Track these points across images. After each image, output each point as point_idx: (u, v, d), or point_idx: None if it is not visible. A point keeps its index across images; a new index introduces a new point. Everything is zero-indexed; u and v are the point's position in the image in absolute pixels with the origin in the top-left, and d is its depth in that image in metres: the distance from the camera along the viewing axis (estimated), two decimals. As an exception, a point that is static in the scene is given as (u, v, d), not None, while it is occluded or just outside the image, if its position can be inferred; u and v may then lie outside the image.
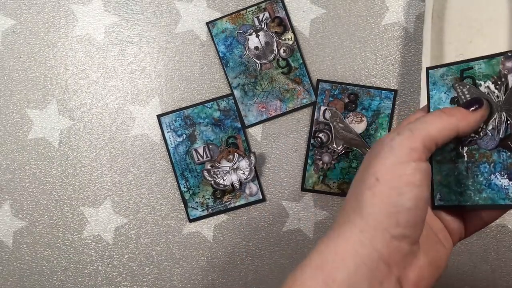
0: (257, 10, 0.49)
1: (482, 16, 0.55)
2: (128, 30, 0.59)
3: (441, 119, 0.36)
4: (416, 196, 0.35)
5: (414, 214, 0.35)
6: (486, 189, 0.40)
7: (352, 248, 0.35)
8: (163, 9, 0.58)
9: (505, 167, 0.39)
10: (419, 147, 0.35)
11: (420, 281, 0.37)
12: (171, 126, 0.58)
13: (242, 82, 0.57)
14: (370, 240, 0.35)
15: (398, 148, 0.35)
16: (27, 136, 0.59)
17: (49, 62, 0.59)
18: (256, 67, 0.56)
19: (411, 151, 0.34)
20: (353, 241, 0.35)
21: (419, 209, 0.35)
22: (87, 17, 0.59)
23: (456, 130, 0.37)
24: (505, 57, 0.38)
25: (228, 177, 0.56)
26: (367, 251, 0.35)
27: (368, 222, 0.35)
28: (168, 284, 0.59)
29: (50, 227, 0.59)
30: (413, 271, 0.37)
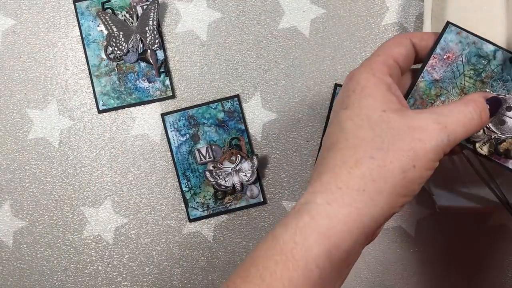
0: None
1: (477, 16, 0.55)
2: (128, 30, 0.59)
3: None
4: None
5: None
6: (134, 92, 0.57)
7: (361, 220, 0.34)
8: (163, 9, 0.58)
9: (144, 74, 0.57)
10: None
11: (376, 236, 0.39)
12: (175, 125, 0.58)
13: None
14: (379, 211, 0.34)
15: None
16: (27, 136, 0.59)
17: (49, 62, 0.59)
18: None
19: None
20: (363, 213, 0.34)
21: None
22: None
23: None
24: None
25: (230, 178, 0.56)
26: (373, 223, 0.35)
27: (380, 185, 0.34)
28: (168, 284, 0.59)
29: (50, 227, 0.59)
30: (378, 229, 0.38)
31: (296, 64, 0.58)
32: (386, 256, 0.59)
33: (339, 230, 0.34)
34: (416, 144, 0.34)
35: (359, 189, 0.34)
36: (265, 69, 0.58)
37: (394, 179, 0.34)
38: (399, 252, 0.59)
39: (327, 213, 0.34)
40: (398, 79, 0.39)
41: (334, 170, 0.35)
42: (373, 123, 0.35)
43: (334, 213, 0.34)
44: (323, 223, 0.34)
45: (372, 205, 0.34)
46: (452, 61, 0.41)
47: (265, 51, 0.58)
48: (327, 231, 0.33)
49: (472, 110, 0.37)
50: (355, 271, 0.59)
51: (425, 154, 0.34)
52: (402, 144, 0.35)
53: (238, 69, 0.58)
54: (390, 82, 0.37)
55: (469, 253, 0.59)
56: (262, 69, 0.58)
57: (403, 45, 0.39)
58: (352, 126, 0.36)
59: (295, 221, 0.34)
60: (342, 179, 0.35)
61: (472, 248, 0.59)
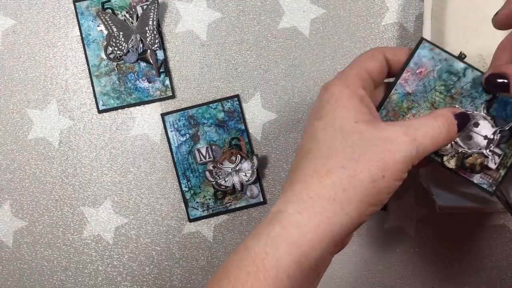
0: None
1: (477, 16, 0.55)
2: (128, 30, 0.59)
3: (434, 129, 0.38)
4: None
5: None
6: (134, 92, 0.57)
7: (331, 229, 0.35)
8: (163, 9, 0.58)
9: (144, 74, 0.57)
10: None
11: (346, 244, 0.40)
12: (175, 125, 0.58)
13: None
14: (349, 220, 0.35)
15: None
16: (27, 136, 0.59)
17: (49, 62, 0.59)
18: None
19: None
20: (333, 222, 0.35)
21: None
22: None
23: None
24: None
25: (230, 178, 0.56)
26: (343, 231, 0.36)
27: (349, 195, 0.35)
28: (168, 284, 0.59)
29: (50, 227, 0.59)
30: (348, 237, 0.40)
31: (296, 64, 0.58)
32: (386, 256, 0.59)
33: (309, 239, 0.35)
34: (386, 155, 0.36)
35: (330, 198, 0.35)
36: (265, 69, 0.58)
37: (363, 189, 0.35)
38: (399, 252, 0.59)
39: (298, 223, 0.35)
40: (371, 91, 0.40)
41: (306, 179, 0.36)
42: (345, 133, 0.36)
43: (305, 222, 0.35)
44: (294, 233, 0.35)
45: (342, 214, 0.35)
46: (424, 76, 0.42)
47: (265, 51, 0.58)
48: (298, 240, 0.34)
49: (440, 124, 0.38)
50: (355, 271, 0.59)
51: (394, 165, 0.36)
52: (373, 154, 0.36)
53: (238, 69, 0.58)
54: (363, 95, 0.38)
55: (469, 253, 0.59)
56: (262, 69, 0.58)
57: (377, 59, 0.40)
58: (325, 136, 0.37)
59: (267, 231, 0.35)
60: (313, 188, 0.36)
61: (472, 248, 0.59)
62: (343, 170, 0.36)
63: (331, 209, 0.35)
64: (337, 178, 0.36)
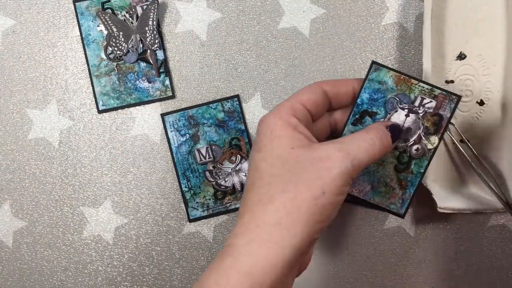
0: (428, 92, 0.44)
1: (477, 16, 0.55)
2: (128, 30, 0.59)
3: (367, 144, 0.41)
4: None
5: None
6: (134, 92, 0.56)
7: (281, 252, 0.36)
8: (163, 9, 0.58)
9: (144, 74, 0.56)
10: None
11: (309, 260, 0.43)
12: (175, 125, 0.58)
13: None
14: (298, 241, 0.37)
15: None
16: (27, 136, 0.59)
17: (49, 62, 0.59)
18: None
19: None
20: (283, 245, 0.36)
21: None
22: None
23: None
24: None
25: (230, 178, 0.56)
26: (294, 253, 0.37)
27: (294, 221, 0.37)
28: (168, 284, 0.59)
29: (50, 227, 0.59)
30: (308, 254, 0.42)
31: (296, 64, 0.58)
32: (386, 256, 0.59)
33: (261, 267, 0.36)
34: (323, 173, 0.37)
35: (276, 223, 0.37)
36: (265, 69, 0.58)
37: (307, 208, 0.37)
38: (399, 252, 0.59)
39: (248, 252, 0.36)
40: (307, 121, 0.42)
41: (252, 209, 0.38)
42: (283, 160, 0.38)
43: (254, 251, 0.36)
44: (245, 262, 0.36)
45: (290, 237, 0.36)
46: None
47: (265, 51, 0.58)
48: (250, 269, 0.36)
49: (373, 136, 0.40)
50: (355, 271, 0.59)
51: (332, 181, 0.37)
52: (310, 174, 0.38)
53: (238, 69, 0.58)
54: (295, 123, 0.40)
55: (469, 253, 0.59)
56: (262, 69, 0.58)
57: (313, 92, 0.43)
58: (265, 166, 0.39)
59: (218, 264, 0.37)
60: (260, 216, 0.37)
61: (472, 248, 0.59)
62: (284, 194, 0.37)
63: (278, 234, 0.36)
64: (279, 203, 0.37)
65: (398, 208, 0.46)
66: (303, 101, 0.42)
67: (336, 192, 0.38)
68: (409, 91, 0.45)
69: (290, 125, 0.40)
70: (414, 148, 0.45)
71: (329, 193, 0.37)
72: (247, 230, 0.37)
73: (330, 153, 0.38)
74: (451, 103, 0.45)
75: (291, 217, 0.37)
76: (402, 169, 0.45)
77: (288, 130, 0.40)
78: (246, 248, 0.36)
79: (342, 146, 0.39)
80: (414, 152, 0.45)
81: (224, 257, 0.37)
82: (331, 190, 0.37)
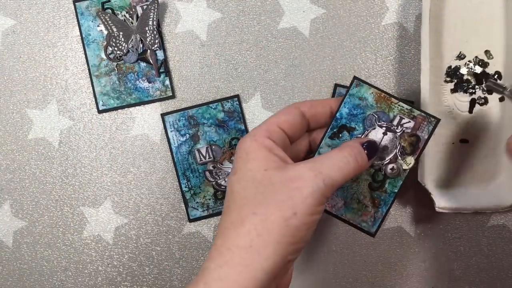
0: (407, 112, 0.44)
1: (477, 16, 0.55)
2: (128, 30, 0.59)
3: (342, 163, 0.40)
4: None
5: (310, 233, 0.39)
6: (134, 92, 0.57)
7: (253, 276, 0.36)
8: (163, 9, 0.58)
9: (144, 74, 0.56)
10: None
11: (289, 280, 0.42)
12: (175, 125, 0.58)
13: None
14: (270, 264, 0.36)
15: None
16: (27, 136, 0.59)
17: (49, 62, 0.59)
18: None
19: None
20: (254, 269, 0.36)
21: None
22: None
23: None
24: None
25: (230, 178, 0.56)
26: (266, 276, 0.36)
27: (266, 246, 0.36)
28: (168, 284, 0.59)
29: (50, 227, 0.59)
30: (287, 275, 0.41)
31: (296, 64, 0.58)
32: (386, 256, 0.59)
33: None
34: (294, 193, 0.37)
35: (246, 246, 0.36)
36: (265, 69, 0.58)
37: (278, 230, 0.36)
38: (399, 252, 0.59)
39: (220, 276, 0.36)
40: (284, 142, 0.42)
41: (225, 232, 0.38)
42: (256, 182, 0.38)
43: (225, 275, 0.36)
44: (216, 287, 0.36)
45: (261, 259, 0.36)
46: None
47: (265, 51, 0.58)
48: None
49: (347, 154, 0.40)
50: (355, 271, 0.59)
51: (303, 201, 0.37)
52: (281, 195, 0.37)
53: (238, 69, 0.58)
54: (270, 145, 0.40)
55: (469, 253, 0.59)
56: (262, 69, 0.58)
57: (291, 113, 0.43)
58: (239, 189, 0.39)
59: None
60: (231, 239, 0.37)
61: (472, 248, 0.59)
62: (255, 216, 0.37)
63: (249, 257, 0.36)
64: (250, 225, 0.37)
65: (369, 227, 0.45)
66: (279, 123, 0.42)
67: (309, 212, 0.37)
68: (389, 109, 0.45)
69: (265, 147, 0.40)
70: (389, 167, 0.45)
71: (301, 214, 0.37)
72: (219, 254, 0.37)
73: (301, 172, 0.38)
74: (429, 125, 0.44)
75: (262, 240, 0.36)
76: (376, 187, 0.45)
77: (263, 152, 0.39)
78: (218, 272, 0.36)
79: (314, 165, 0.38)
80: (389, 171, 0.45)
81: (198, 282, 0.37)
82: (303, 210, 0.37)
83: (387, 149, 0.45)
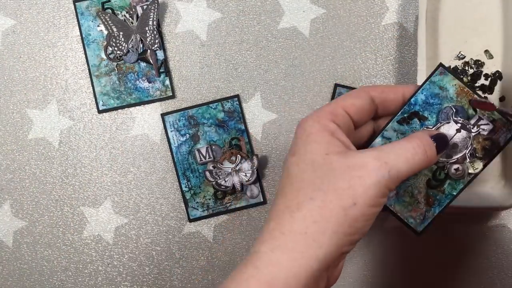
0: (488, 113, 0.40)
1: (475, 16, 0.55)
2: (128, 30, 0.59)
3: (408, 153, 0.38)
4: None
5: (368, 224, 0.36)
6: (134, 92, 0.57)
7: (306, 264, 0.34)
8: (163, 9, 0.58)
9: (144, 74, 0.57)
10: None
11: (339, 274, 0.39)
12: (175, 125, 0.58)
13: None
14: (324, 252, 0.35)
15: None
16: (27, 136, 0.59)
17: (49, 62, 0.59)
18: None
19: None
20: (308, 256, 0.34)
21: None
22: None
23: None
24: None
25: (230, 178, 0.56)
26: (319, 265, 0.35)
27: (323, 233, 0.35)
28: (168, 284, 0.59)
29: (50, 227, 0.59)
30: (338, 267, 0.39)
31: (296, 64, 0.58)
32: (386, 256, 0.59)
33: (283, 277, 0.34)
34: (355, 182, 0.35)
35: (302, 232, 0.35)
36: (265, 69, 0.58)
37: (336, 218, 0.35)
38: (399, 252, 0.59)
39: (271, 261, 0.34)
40: (349, 127, 0.40)
41: (278, 215, 0.36)
42: (316, 166, 0.36)
43: (277, 260, 0.34)
44: (267, 272, 0.34)
45: (316, 247, 0.34)
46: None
47: (265, 51, 0.58)
48: (271, 280, 0.34)
49: (415, 145, 0.37)
50: (355, 271, 0.59)
51: (365, 191, 0.35)
52: (342, 183, 0.35)
53: (238, 69, 0.58)
54: (334, 128, 0.38)
55: (469, 253, 0.59)
56: (262, 69, 0.58)
57: (359, 97, 0.40)
58: (297, 171, 0.37)
59: (241, 273, 0.35)
60: (285, 224, 0.35)
61: (472, 248, 0.59)
62: (312, 202, 0.35)
63: (304, 243, 0.34)
64: (307, 210, 0.35)
65: (416, 224, 0.42)
66: (346, 107, 0.39)
67: (369, 204, 0.35)
68: (469, 106, 0.41)
69: (328, 130, 0.38)
70: (454, 167, 0.41)
71: (361, 204, 0.35)
72: (272, 237, 0.35)
73: (366, 161, 0.36)
74: (508, 133, 0.41)
75: (318, 227, 0.34)
76: (434, 185, 0.42)
77: (325, 135, 0.37)
78: (269, 257, 0.34)
79: (379, 154, 0.36)
80: (453, 171, 0.41)
81: (247, 265, 0.35)
82: (364, 201, 0.35)
83: (456, 148, 0.41)
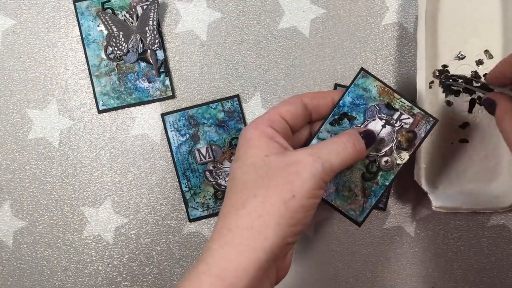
0: (407, 108, 0.45)
1: (475, 16, 0.55)
2: (128, 30, 0.59)
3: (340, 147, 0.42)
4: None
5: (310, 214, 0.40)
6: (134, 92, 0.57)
7: (253, 255, 0.37)
8: (163, 9, 0.58)
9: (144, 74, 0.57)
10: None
11: (288, 265, 0.43)
12: (175, 125, 0.58)
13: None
14: (270, 244, 0.37)
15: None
16: (27, 136, 0.59)
17: (49, 62, 0.59)
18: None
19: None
20: (255, 248, 0.37)
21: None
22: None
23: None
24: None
25: (230, 178, 0.56)
26: (266, 256, 0.37)
27: (267, 224, 0.38)
28: (168, 284, 0.59)
29: (50, 227, 0.59)
30: (287, 259, 0.42)
31: (296, 64, 0.58)
32: (386, 256, 0.59)
33: (233, 270, 0.36)
34: (293, 177, 0.38)
35: (247, 227, 0.38)
36: (265, 69, 0.58)
37: (277, 211, 0.38)
38: (399, 252, 0.59)
39: (221, 256, 0.37)
40: (285, 132, 0.43)
41: (225, 215, 0.39)
42: (257, 167, 0.40)
43: (226, 255, 0.37)
44: (217, 266, 0.37)
45: (262, 239, 0.37)
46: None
47: (265, 51, 0.58)
48: (221, 273, 0.36)
49: (345, 140, 0.42)
50: (355, 271, 0.59)
51: (302, 184, 0.38)
52: (281, 178, 0.39)
53: (238, 69, 0.58)
54: (272, 133, 0.41)
55: (469, 253, 0.59)
56: (262, 69, 0.58)
57: (293, 103, 0.44)
58: (240, 174, 0.40)
59: (195, 270, 0.38)
60: (231, 221, 0.38)
61: (472, 248, 0.59)
62: (255, 198, 0.38)
63: (250, 237, 0.37)
64: (251, 207, 0.38)
65: (356, 216, 0.46)
66: (281, 113, 0.43)
67: (307, 195, 0.38)
68: (392, 102, 0.46)
69: (266, 135, 0.41)
70: (383, 160, 0.46)
71: (299, 196, 0.38)
72: (220, 235, 0.38)
73: (301, 157, 0.39)
74: (427, 124, 0.46)
75: (263, 220, 0.37)
76: (368, 178, 0.46)
77: (264, 139, 0.41)
78: (219, 253, 0.37)
79: (313, 151, 0.40)
80: (383, 164, 0.46)
81: (199, 263, 0.38)
82: (302, 193, 0.38)
83: (384, 142, 0.46)
